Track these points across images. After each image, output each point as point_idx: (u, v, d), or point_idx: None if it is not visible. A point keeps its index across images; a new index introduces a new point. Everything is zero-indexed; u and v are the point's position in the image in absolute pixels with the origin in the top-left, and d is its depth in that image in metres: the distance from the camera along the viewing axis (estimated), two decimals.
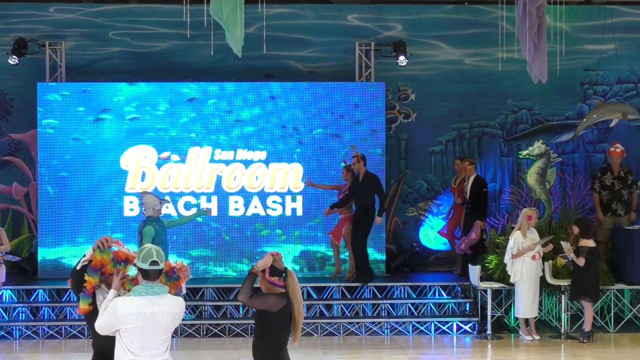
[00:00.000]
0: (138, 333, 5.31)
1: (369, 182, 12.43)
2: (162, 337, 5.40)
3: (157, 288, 5.42)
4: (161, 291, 5.43)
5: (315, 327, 11.88)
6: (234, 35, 9.66)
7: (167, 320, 5.39)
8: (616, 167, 13.11)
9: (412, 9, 14.55)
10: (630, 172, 13.18)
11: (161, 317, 5.35)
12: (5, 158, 14.29)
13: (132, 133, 13.35)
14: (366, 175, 12.47)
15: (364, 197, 12.45)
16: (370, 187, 12.43)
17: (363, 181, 12.45)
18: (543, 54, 10.98)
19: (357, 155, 12.47)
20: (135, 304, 5.33)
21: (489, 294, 11.63)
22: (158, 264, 5.44)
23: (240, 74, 13.90)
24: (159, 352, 5.39)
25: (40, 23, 14.17)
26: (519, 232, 11.43)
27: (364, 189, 12.42)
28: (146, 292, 5.38)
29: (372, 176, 12.52)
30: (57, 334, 11.76)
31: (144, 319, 5.30)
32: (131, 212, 13.29)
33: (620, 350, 11.13)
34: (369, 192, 12.46)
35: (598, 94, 14.68)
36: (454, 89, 14.56)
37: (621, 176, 13.07)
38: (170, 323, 5.42)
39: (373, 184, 12.46)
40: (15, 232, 14.12)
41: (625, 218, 13.03)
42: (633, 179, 13.11)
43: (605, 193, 13.13)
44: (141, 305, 5.33)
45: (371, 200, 12.47)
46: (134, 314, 5.30)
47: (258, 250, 13.28)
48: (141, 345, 5.33)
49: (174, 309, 5.43)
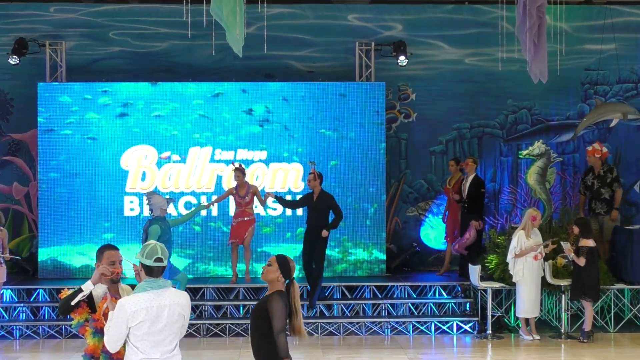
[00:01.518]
0: (147, 329, 5.28)
1: (323, 202, 11.89)
2: (172, 332, 5.37)
3: (160, 282, 5.42)
4: (164, 285, 5.43)
5: (316, 327, 11.88)
6: (234, 35, 9.66)
7: (175, 313, 5.37)
8: (597, 166, 13.07)
9: (412, 9, 14.55)
10: (611, 169, 13.07)
11: (169, 310, 5.34)
12: (5, 158, 14.29)
13: (132, 133, 13.36)
14: (321, 195, 11.93)
15: (317, 216, 11.91)
16: (325, 207, 11.91)
17: (317, 200, 11.92)
18: (543, 54, 10.97)
19: (314, 173, 11.91)
20: (141, 300, 5.32)
21: (489, 293, 11.63)
22: (162, 261, 5.43)
23: (240, 74, 13.91)
24: (169, 350, 5.38)
25: (41, 23, 14.17)
26: (522, 232, 11.43)
27: (318, 208, 11.92)
28: (150, 287, 5.38)
29: (327, 196, 11.95)
30: (57, 334, 11.76)
31: (152, 313, 5.29)
32: (131, 212, 13.30)
33: (620, 350, 11.13)
34: (323, 212, 11.93)
35: (598, 93, 14.69)
36: (454, 89, 14.57)
37: (600, 175, 13.01)
38: (178, 315, 5.40)
39: (328, 203, 11.90)
40: (16, 232, 14.12)
41: (607, 217, 12.96)
42: (613, 177, 12.99)
43: (587, 193, 13.13)
44: (147, 300, 5.32)
45: (325, 220, 11.90)
46: (142, 309, 5.28)
47: (258, 250, 13.29)
48: (151, 343, 5.30)
49: (180, 300, 5.42)
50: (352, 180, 13.52)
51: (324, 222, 11.89)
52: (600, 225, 12.88)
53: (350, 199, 13.48)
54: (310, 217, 12.03)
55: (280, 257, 6.11)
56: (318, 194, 11.96)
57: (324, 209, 11.94)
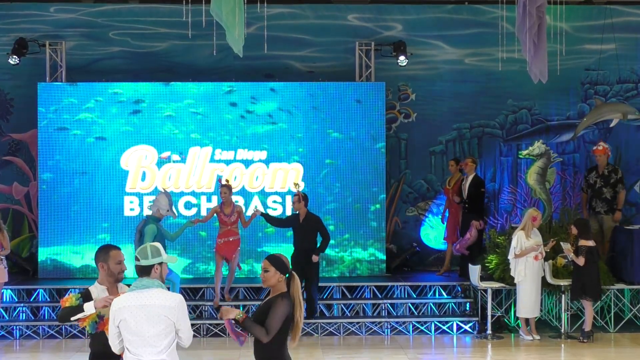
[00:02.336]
0: (132, 328, 5.31)
1: (310, 224, 11.65)
2: (158, 333, 5.34)
3: (145, 281, 5.44)
4: (150, 285, 5.43)
5: (316, 327, 11.88)
6: (234, 35, 9.66)
7: (158, 314, 5.34)
8: (602, 165, 13.08)
9: (412, 9, 14.55)
10: (615, 170, 13.08)
11: (152, 310, 5.33)
12: (5, 158, 14.29)
13: (132, 133, 13.35)
14: (307, 217, 11.70)
15: (304, 238, 11.65)
16: (311, 229, 11.66)
17: (304, 222, 11.68)
18: (543, 54, 10.97)
19: (299, 194, 11.69)
20: (125, 298, 5.41)
21: (489, 293, 11.63)
22: (138, 260, 5.47)
23: (240, 74, 13.91)
24: (158, 351, 5.34)
25: (41, 23, 14.17)
26: (522, 232, 11.42)
27: (304, 230, 11.66)
28: (135, 286, 5.43)
29: (314, 218, 11.75)
30: (57, 334, 11.76)
31: (134, 311, 5.32)
32: (131, 212, 13.29)
33: (620, 350, 11.14)
34: (310, 234, 11.66)
35: (598, 93, 14.68)
36: (454, 89, 14.57)
37: (604, 175, 13.02)
38: (163, 317, 5.35)
39: (315, 225, 11.67)
40: (16, 232, 14.12)
41: (608, 217, 12.97)
42: (617, 178, 13.01)
43: (589, 191, 13.14)
44: (130, 298, 5.38)
45: (313, 242, 11.66)
46: (124, 307, 5.34)
47: (258, 250, 13.29)
48: (138, 342, 5.32)
49: (166, 302, 5.38)
50: (352, 180, 13.51)
51: (311, 244, 11.65)
52: (600, 225, 12.89)
53: (350, 199, 13.48)
54: (297, 240, 11.78)
55: (271, 258, 6.09)
56: (304, 215, 11.74)
57: (310, 232, 11.68)
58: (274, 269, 6.02)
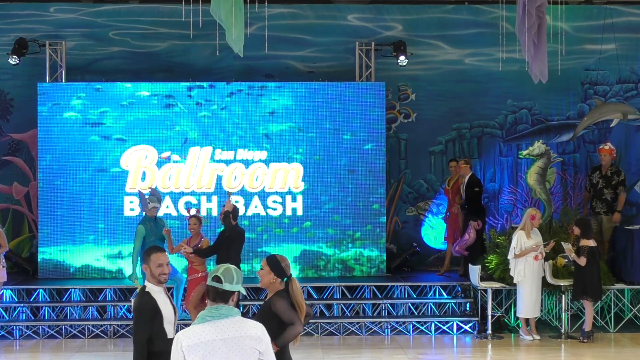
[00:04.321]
0: None
1: (233, 237, 10.62)
2: None
3: (224, 309, 4.50)
4: (229, 313, 4.49)
5: (316, 327, 11.88)
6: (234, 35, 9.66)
7: (245, 346, 4.42)
8: (605, 166, 13.08)
9: (412, 9, 14.55)
10: (618, 172, 13.08)
11: (238, 343, 4.41)
12: (5, 158, 14.29)
13: (132, 133, 13.35)
14: (231, 229, 10.63)
15: (229, 253, 10.38)
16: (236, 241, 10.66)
17: (229, 236, 10.61)
18: (543, 54, 10.97)
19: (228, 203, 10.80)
20: (199, 332, 4.42)
21: (489, 293, 11.63)
22: (220, 281, 4.53)
23: (240, 74, 13.92)
24: None
25: (41, 23, 14.17)
26: (522, 232, 11.42)
27: (229, 243, 10.54)
28: (212, 316, 4.48)
29: (238, 230, 10.73)
30: (57, 334, 11.76)
31: (216, 346, 4.38)
32: (131, 212, 13.29)
33: (620, 350, 11.14)
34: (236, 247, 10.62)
35: (598, 93, 14.68)
36: (454, 89, 14.57)
37: (607, 175, 13.02)
38: (250, 349, 4.43)
39: (239, 238, 10.70)
40: (16, 232, 14.13)
41: (607, 218, 12.96)
42: (619, 180, 13.01)
43: (591, 191, 13.15)
44: (207, 332, 4.41)
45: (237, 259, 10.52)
46: (201, 344, 4.39)
47: (259, 250, 13.29)
48: None
49: (250, 332, 4.46)
50: (351, 180, 13.51)
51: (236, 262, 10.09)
52: (599, 225, 12.89)
53: (350, 198, 13.48)
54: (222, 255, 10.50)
55: (270, 258, 6.09)
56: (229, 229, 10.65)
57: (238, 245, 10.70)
58: (268, 268, 6.02)
